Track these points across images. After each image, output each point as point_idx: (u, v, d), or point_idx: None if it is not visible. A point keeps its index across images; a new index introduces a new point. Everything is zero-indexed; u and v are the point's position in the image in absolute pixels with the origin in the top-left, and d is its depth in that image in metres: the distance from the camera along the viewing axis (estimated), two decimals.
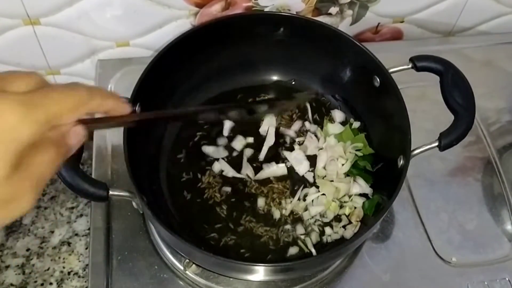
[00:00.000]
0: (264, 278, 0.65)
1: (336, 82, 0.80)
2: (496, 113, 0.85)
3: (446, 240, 0.73)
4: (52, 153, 0.34)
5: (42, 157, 0.33)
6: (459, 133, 0.64)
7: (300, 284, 0.67)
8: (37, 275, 0.73)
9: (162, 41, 0.83)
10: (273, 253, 0.68)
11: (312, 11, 0.85)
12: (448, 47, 0.94)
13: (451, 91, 0.65)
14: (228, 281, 0.67)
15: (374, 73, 0.70)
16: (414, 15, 0.91)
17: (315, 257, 0.66)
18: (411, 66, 0.67)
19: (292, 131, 0.78)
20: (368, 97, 0.74)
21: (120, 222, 0.71)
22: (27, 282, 0.72)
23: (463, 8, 0.91)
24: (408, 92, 0.69)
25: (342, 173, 0.73)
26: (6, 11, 0.74)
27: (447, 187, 0.77)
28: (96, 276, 0.66)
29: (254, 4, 0.82)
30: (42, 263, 0.74)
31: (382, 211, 0.60)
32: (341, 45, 0.73)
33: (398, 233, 0.73)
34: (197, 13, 0.81)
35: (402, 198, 0.74)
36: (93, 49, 0.84)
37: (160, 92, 0.71)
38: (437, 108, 0.67)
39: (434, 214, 0.75)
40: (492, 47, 0.94)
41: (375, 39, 0.94)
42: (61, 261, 0.74)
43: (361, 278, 0.69)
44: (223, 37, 0.75)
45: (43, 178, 0.34)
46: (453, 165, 0.79)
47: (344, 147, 0.74)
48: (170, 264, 0.68)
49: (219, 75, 0.79)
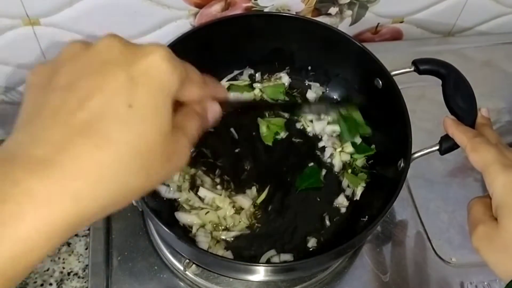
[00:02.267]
0: (264, 278, 0.65)
1: (336, 83, 0.80)
2: (496, 113, 0.85)
3: (445, 240, 0.73)
4: (198, 121, 0.38)
5: (191, 122, 0.37)
6: None
7: (300, 284, 0.68)
8: (37, 276, 0.72)
9: (162, 42, 0.83)
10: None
11: (312, 11, 0.85)
12: (448, 47, 0.94)
13: (453, 94, 0.65)
14: (228, 281, 0.67)
15: (376, 75, 0.70)
16: (413, 15, 0.91)
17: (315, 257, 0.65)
18: (414, 69, 0.67)
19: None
20: (369, 98, 0.74)
21: (120, 222, 0.71)
22: (26, 283, 0.72)
23: (463, 8, 0.91)
24: (408, 92, 0.69)
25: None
26: (6, 12, 0.74)
27: (447, 187, 0.77)
28: (96, 277, 0.66)
29: (254, 5, 0.82)
30: (42, 264, 0.74)
31: (382, 212, 0.60)
32: (342, 46, 0.74)
33: (398, 233, 0.73)
34: (196, 13, 0.81)
35: (402, 198, 0.75)
36: None
37: None
38: (437, 108, 0.67)
39: (434, 214, 0.75)
40: (491, 47, 0.94)
41: (374, 39, 0.94)
42: (60, 261, 0.74)
43: (361, 278, 0.69)
44: (223, 38, 0.75)
45: (193, 139, 0.37)
46: (453, 165, 0.79)
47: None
48: (170, 264, 0.68)
49: (219, 75, 0.79)
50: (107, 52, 0.33)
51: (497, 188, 0.50)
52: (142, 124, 0.32)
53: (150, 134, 0.32)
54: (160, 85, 0.33)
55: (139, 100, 0.32)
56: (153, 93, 0.33)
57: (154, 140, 0.32)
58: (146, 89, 0.32)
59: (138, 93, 0.32)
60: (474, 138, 0.56)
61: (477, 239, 0.51)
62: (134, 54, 0.33)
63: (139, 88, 0.32)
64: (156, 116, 0.33)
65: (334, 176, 0.75)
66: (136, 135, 0.31)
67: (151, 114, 0.32)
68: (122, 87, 0.32)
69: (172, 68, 0.34)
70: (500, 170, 0.51)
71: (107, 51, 0.34)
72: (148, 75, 0.33)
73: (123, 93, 0.31)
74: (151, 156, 0.32)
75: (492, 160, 0.52)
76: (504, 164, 0.51)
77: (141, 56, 0.33)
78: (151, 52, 0.33)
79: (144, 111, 0.32)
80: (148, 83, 0.32)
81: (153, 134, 0.32)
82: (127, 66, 0.32)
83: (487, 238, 0.50)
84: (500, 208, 0.49)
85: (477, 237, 0.51)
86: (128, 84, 0.32)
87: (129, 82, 0.32)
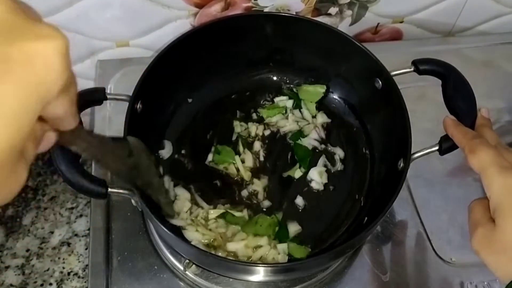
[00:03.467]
0: (263, 279, 0.65)
1: (336, 83, 0.80)
2: (495, 113, 0.85)
3: (445, 240, 0.73)
4: (37, 147, 0.30)
5: (33, 146, 0.29)
6: None
7: (300, 284, 0.67)
8: (37, 276, 0.72)
9: (162, 42, 0.83)
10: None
11: (312, 11, 0.85)
12: (448, 47, 0.94)
13: (453, 95, 0.65)
14: (228, 282, 0.67)
15: (376, 75, 0.71)
16: (413, 15, 0.91)
17: (314, 257, 0.66)
18: (413, 69, 0.67)
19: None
20: (369, 98, 0.75)
21: (120, 222, 0.71)
22: (26, 283, 0.72)
23: (463, 8, 0.91)
24: (408, 93, 0.69)
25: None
26: None
27: (446, 187, 0.77)
28: (96, 277, 0.66)
29: (253, 5, 0.82)
30: (42, 264, 0.74)
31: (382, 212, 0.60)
32: (342, 46, 0.73)
33: (398, 233, 0.73)
34: (196, 13, 0.81)
35: (402, 198, 0.75)
36: (93, 49, 0.84)
37: (160, 91, 0.72)
38: (437, 108, 0.67)
39: (434, 214, 0.75)
40: (491, 47, 0.94)
41: (374, 39, 0.94)
42: (61, 261, 0.74)
43: (361, 278, 0.69)
44: (223, 38, 0.75)
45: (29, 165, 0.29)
46: (453, 165, 0.79)
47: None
48: (170, 264, 0.68)
49: (219, 75, 0.79)
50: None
51: (494, 190, 0.50)
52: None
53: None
54: (39, 84, 0.25)
55: (3, 94, 0.24)
56: (26, 91, 0.24)
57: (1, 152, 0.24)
58: (18, 82, 0.24)
59: (7, 85, 0.24)
60: (472, 140, 0.56)
61: (476, 241, 0.51)
62: (22, 28, 0.25)
63: (8, 78, 0.24)
64: (15, 122, 0.24)
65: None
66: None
67: (10, 118, 0.24)
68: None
69: (63, 68, 0.26)
70: (497, 173, 0.51)
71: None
72: (30, 65, 0.24)
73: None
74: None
75: (490, 162, 0.52)
76: (501, 167, 0.51)
77: (31, 36, 0.25)
78: (46, 37, 0.25)
79: (3, 110, 0.24)
80: (26, 76, 0.24)
81: (1, 144, 0.24)
82: (7, 41, 0.24)
83: (486, 241, 0.50)
84: (498, 210, 0.49)
85: (476, 239, 0.51)
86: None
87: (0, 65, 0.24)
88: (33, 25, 0.26)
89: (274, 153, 0.76)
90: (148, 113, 0.68)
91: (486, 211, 0.52)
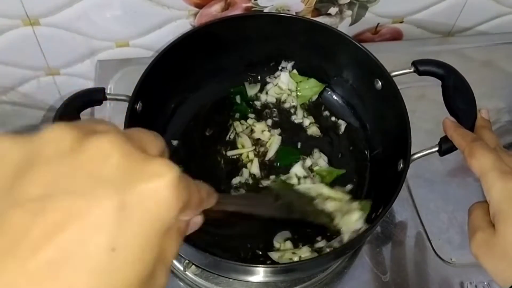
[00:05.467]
0: (264, 279, 0.65)
1: (336, 83, 0.80)
2: (495, 113, 0.85)
3: (445, 240, 0.73)
4: (179, 243, 0.29)
5: (173, 247, 0.28)
6: None
7: (300, 285, 0.68)
8: None
9: (162, 42, 0.83)
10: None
11: (312, 12, 0.85)
12: (448, 47, 0.94)
13: (453, 96, 0.65)
14: (227, 282, 0.67)
15: (376, 76, 0.70)
16: (413, 16, 0.91)
17: (314, 258, 0.65)
18: (413, 70, 0.67)
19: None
20: (369, 99, 0.75)
21: None
22: None
23: (463, 8, 0.91)
24: (408, 93, 0.69)
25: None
26: (6, 12, 0.74)
27: (446, 187, 0.77)
28: None
29: (253, 5, 0.82)
30: None
31: (382, 212, 0.60)
32: (342, 47, 0.73)
33: (398, 233, 0.73)
34: (196, 13, 0.81)
35: (402, 198, 0.75)
36: (93, 49, 0.84)
37: (160, 91, 0.72)
38: (437, 108, 0.67)
39: (434, 214, 0.75)
40: (491, 47, 0.94)
41: (374, 40, 0.94)
42: None
43: (361, 278, 0.69)
44: (223, 38, 0.75)
45: (170, 263, 0.29)
46: (453, 165, 0.79)
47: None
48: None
49: (219, 75, 0.79)
50: (102, 162, 0.25)
51: (494, 195, 0.50)
52: (120, 272, 0.24)
53: (127, 282, 0.25)
54: (154, 219, 0.25)
55: (125, 242, 0.24)
56: (144, 230, 0.25)
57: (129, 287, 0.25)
58: (137, 226, 0.25)
59: (128, 231, 0.24)
60: (472, 142, 0.56)
61: (475, 246, 0.50)
62: (134, 171, 0.25)
63: (129, 224, 0.24)
64: (139, 262, 0.25)
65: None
66: (109, 286, 0.24)
67: (135, 260, 0.25)
68: (109, 221, 0.24)
69: (175, 197, 0.26)
70: (497, 177, 0.50)
71: (103, 160, 0.25)
72: (145, 205, 0.25)
73: (108, 229, 0.24)
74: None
75: (489, 166, 0.51)
76: (501, 171, 0.51)
77: (144, 176, 0.25)
78: (158, 175, 0.25)
79: (127, 254, 0.24)
80: (142, 216, 0.25)
81: (130, 280, 0.25)
82: (123, 188, 0.24)
83: (485, 245, 0.50)
84: (498, 215, 0.49)
85: (475, 244, 0.50)
86: (117, 216, 0.24)
87: (119, 213, 0.24)
88: (145, 164, 0.26)
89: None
90: (148, 113, 0.68)
91: (485, 216, 0.51)
